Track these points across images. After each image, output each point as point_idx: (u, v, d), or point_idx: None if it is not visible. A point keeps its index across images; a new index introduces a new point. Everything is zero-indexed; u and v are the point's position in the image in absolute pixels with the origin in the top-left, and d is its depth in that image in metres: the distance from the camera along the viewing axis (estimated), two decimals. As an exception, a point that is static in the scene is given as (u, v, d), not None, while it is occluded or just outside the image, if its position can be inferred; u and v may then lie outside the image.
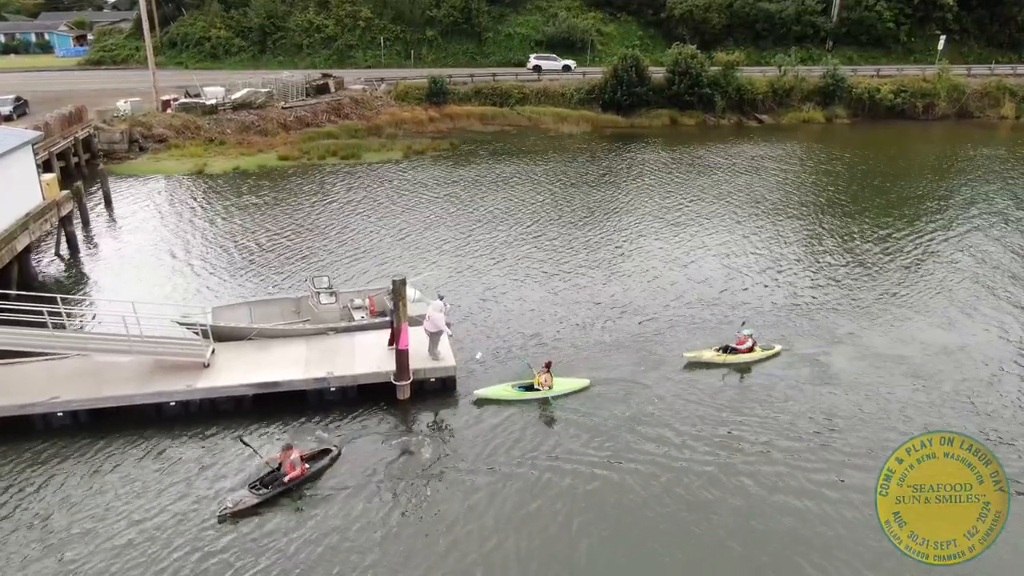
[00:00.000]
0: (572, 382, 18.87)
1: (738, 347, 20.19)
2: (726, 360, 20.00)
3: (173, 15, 72.64)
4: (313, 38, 69.61)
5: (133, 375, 17.88)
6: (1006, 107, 62.60)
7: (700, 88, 58.40)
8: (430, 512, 14.52)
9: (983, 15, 73.86)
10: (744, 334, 20.40)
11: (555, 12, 72.29)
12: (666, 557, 13.46)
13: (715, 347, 20.46)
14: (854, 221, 33.62)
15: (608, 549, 13.57)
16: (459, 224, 32.31)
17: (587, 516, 14.38)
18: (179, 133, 46.21)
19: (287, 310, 21.74)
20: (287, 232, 31.02)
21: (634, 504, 14.75)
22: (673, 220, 33.24)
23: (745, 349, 20.19)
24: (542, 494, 15.00)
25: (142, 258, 28.16)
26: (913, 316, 23.60)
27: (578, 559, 13.37)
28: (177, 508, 14.42)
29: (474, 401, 18.15)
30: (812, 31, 71.61)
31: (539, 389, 18.20)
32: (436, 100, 56.42)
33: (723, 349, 20.24)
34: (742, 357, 20.06)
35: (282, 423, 17.27)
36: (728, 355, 20.07)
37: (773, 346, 20.91)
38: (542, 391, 18.19)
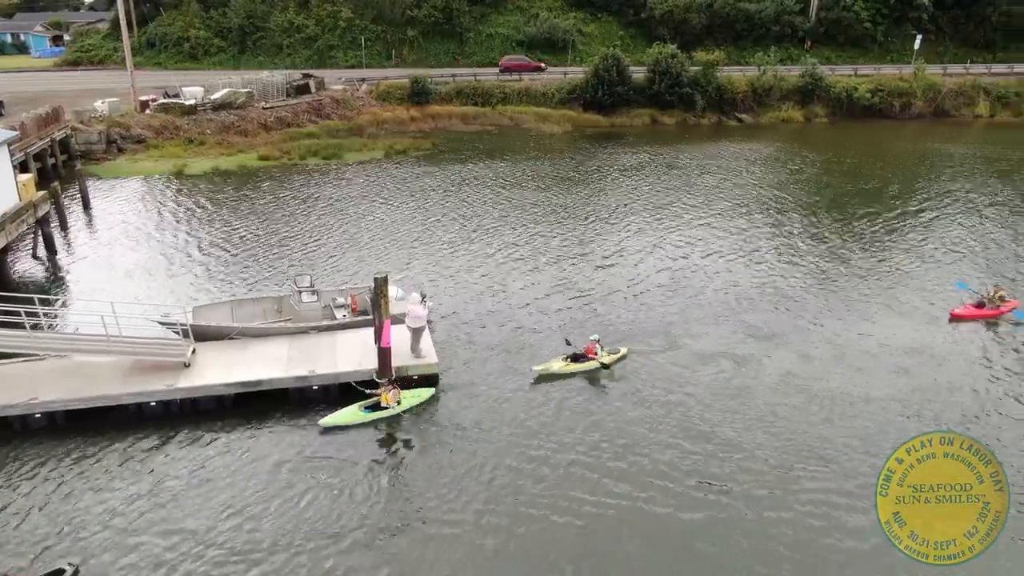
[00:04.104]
0: (420, 392, 18.11)
1: (587, 354, 19.78)
2: (575, 369, 19.56)
3: (151, 15, 72.03)
4: (293, 38, 69.26)
5: (112, 376, 17.73)
6: (981, 106, 63.60)
7: (680, 87, 58.77)
8: (411, 507, 14.55)
9: (958, 15, 74.88)
10: (592, 340, 20.10)
11: (536, 12, 72.41)
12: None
13: (563, 356, 19.96)
14: (826, 219, 34.03)
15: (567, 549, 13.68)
16: (441, 223, 32.31)
17: (563, 525, 14.47)
18: (158, 133, 45.84)
19: (269, 309, 21.66)
20: (268, 232, 30.89)
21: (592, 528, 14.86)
22: (651, 219, 33.45)
23: (593, 356, 19.77)
24: (515, 495, 15.08)
25: (121, 259, 27.92)
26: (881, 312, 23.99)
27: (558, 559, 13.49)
28: (157, 510, 14.33)
29: (322, 430, 16.77)
30: (791, 31, 72.25)
31: (387, 407, 17.35)
32: (418, 100, 56.38)
33: (571, 358, 19.78)
34: (590, 364, 19.64)
35: (264, 422, 17.21)
36: (576, 363, 19.65)
37: (619, 349, 20.65)
38: (390, 408, 17.36)
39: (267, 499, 14.64)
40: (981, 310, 22.99)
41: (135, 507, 14.40)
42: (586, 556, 13.35)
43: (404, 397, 17.80)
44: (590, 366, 19.71)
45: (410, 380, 18.59)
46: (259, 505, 14.48)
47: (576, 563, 13.18)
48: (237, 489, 14.92)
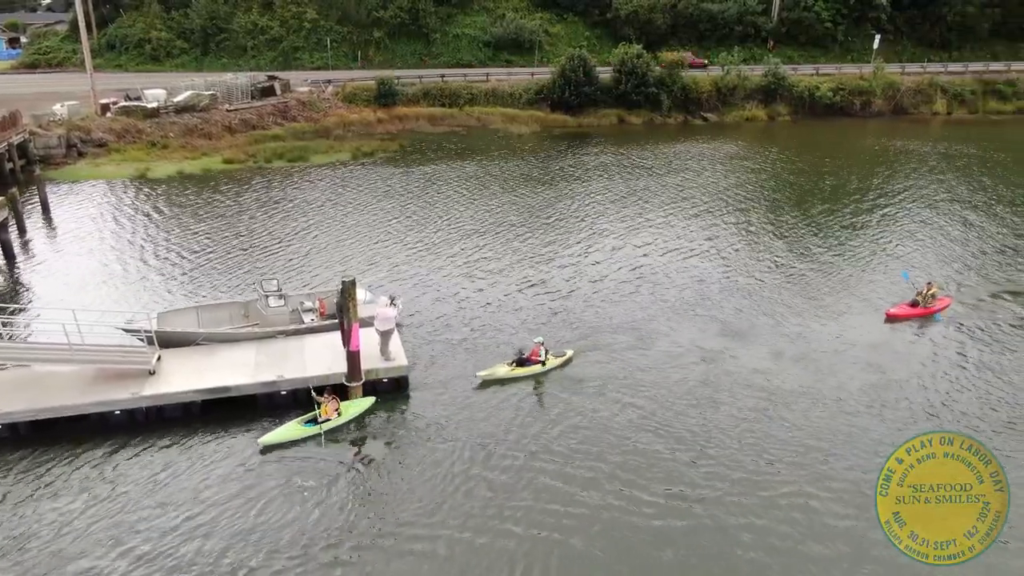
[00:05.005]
0: (361, 402, 17.85)
1: (531, 358, 19.64)
2: (521, 373, 19.43)
3: (111, 16, 70.81)
4: (258, 39, 68.56)
5: (76, 384, 17.44)
6: (938, 103, 65.10)
7: (646, 87, 59.28)
8: (385, 512, 14.54)
9: (915, 15, 76.58)
10: (536, 342, 19.97)
11: (502, 13, 72.54)
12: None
13: (508, 361, 19.81)
14: (787, 216, 34.64)
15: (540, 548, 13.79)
16: (408, 225, 32.25)
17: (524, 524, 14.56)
18: (120, 137, 45.07)
19: (235, 314, 21.45)
20: (234, 236, 30.56)
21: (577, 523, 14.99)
22: (617, 219, 33.73)
23: (538, 359, 19.66)
24: (484, 507, 15.15)
25: (82, 265, 27.43)
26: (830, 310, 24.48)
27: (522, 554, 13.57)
28: (122, 520, 14.14)
29: (262, 449, 16.28)
30: (754, 31, 73.34)
31: (327, 420, 16.93)
32: (385, 101, 56.13)
33: (516, 362, 19.65)
34: (535, 368, 19.52)
35: (233, 429, 17.05)
36: (521, 368, 19.52)
37: (565, 352, 20.54)
38: (331, 421, 16.96)
39: (230, 512, 14.45)
40: (915, 309, 23.48)
41: (87, 518, 14.17)
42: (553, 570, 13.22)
43: (344, 408, 17.47)
44: (535, 370, 19.59)
45: (380, 383, 18.60)
46: (221, 519, 14.27)
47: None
48: (200, 502, 14.70)
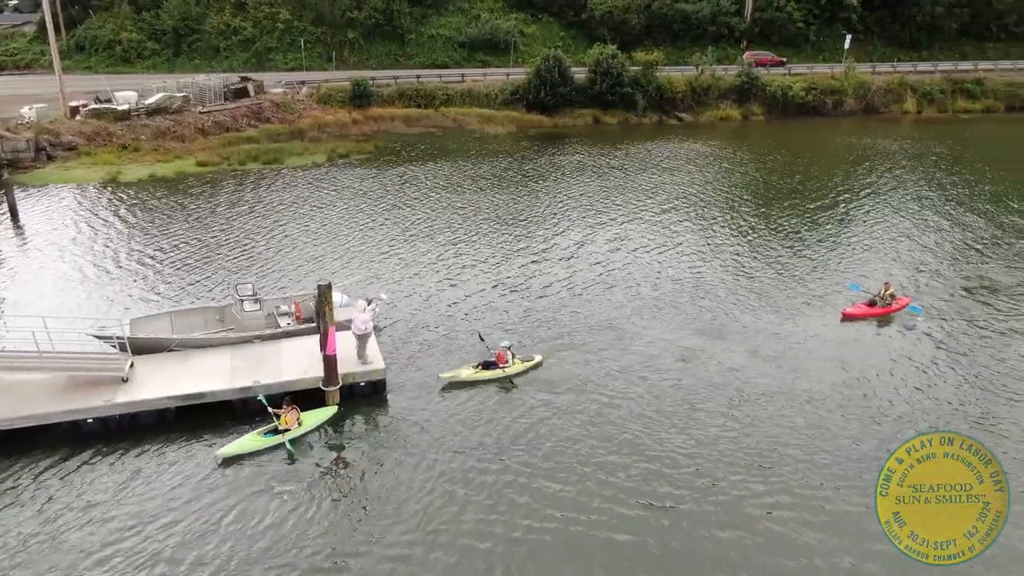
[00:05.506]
0: (321, 412, 17.72)
1: (497, 362, 19.65)
2: (485, 376, 19.46)
3: (80, 17, 69.55)
4: (230, 40, 67.73)
5: (46, 393, 17.19)
6: (908, 102, 65.96)
7: (622, 87, 59.42)
8: (361, 519, 14.48)
9: (885, 15, 77.51)
10: (503, 347, 20.00)
11: (477, 13, 72.37)
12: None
13: (473, 364, 19.84)
14: (759, 215, 35.04)
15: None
16: (385, 226, 32.11)
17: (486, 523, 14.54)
18: (90, 140, 44.30)
19: (210, 319, 21.25)
20: (208, 240, 30.23)
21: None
22: (593, 219, 33.86)
23: (504, 363, 19.67)
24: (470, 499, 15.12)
25: (52, 271, 26.96)
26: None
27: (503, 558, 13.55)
28: (91, 531, 13.95)
29: (221, 462, 16.06)
30: (727, 31, 73.82)
31: (287, 430, 16.82)
32: (360, 102, 55.78)
33: (482, 365, 19.68)
34: (498, 372, 19.53)
35: (208, 436, 16.88)
36: (487, 371, 19.53)
37: (533, 357, 20.50)
38: (291, 431, 16.84)
39: (202, 520, 14.37)
40: (872, 308, 23.82)
41: (55, 529, 14.00)
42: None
43: (305, 417, 17.27)
44: (499, 374, 19.49)
45: (357, 386, 18.53)
46: (194, 527, 14.20)
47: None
48: (171, 510, 14.59)
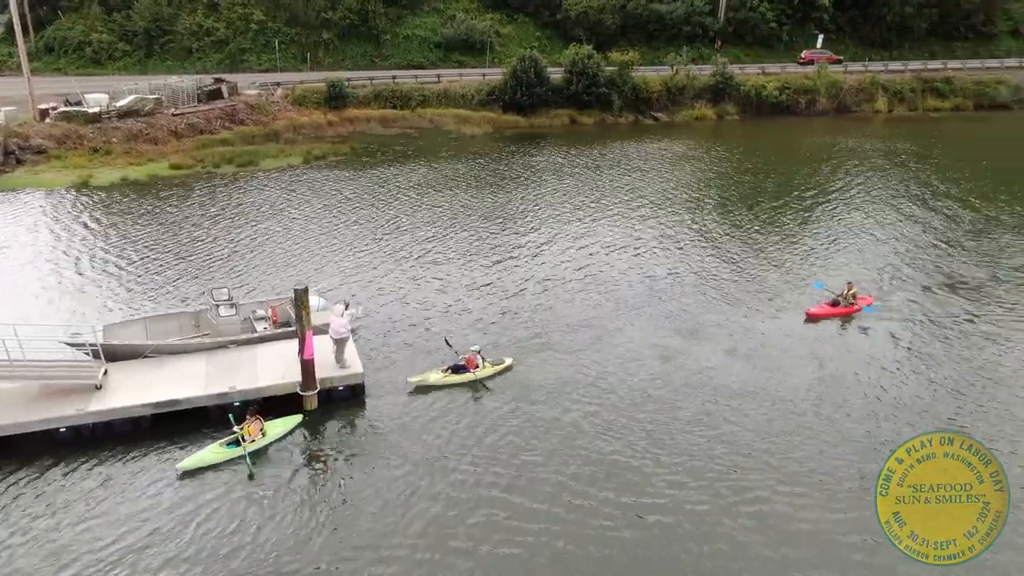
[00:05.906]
0: (286, 421, 17.46)
1: (467, 366, 19.57)
2: (454, 380, 19.30)
3: (48, 18, 68.48)
4: (203, 41, 67.01)
5: (17, 402, 16.94)
6: (879, 101, 66.91)
7: (597, 88, 59.67)
8: (337, 526, 14.42)
9: (856, 15, 78.59)
10: (472, 351, 19.94)
11: (453, 14, 72.25)
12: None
13: (442, 368, 19.74)
14: (736, 213, 35.35)
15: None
16: (361, 228, 32.00)
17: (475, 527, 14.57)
18: (60, 143, 43.59)
19: (186, 325, 21.05)
20: (182, 244, 29.90)
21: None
22: (568, 219, 33.98)
23: (474, 367, 19.60)
24: (455, 500, 15.12)
25: (22, 277, 26.51)
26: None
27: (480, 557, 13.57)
28: (61, 541, 13.76)
29: (180, 475, 15.74)
30: (702, 31, 74.40)
31: (252, 440, 16.47)
32: (335, 103, 55.47)
33: (451, 369, 19.56)
34: (468, 376, 19.43)
35: (184, 442, 16.71)
36: (456, 375, 19.42)
37: (503, 360, 20.42)
38: (255, 441, 16.52)
39: (175, 528, 14.24)
40: (835, 308, 24.15)
41: (24, 539, 13.82)
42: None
43: (269, 427, 17.04)
44: (469, 377, 19.40)
45: (335, 390, 18.46)
46: (164, 535, 14.05)
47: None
48: (143, 520, 14.44)
